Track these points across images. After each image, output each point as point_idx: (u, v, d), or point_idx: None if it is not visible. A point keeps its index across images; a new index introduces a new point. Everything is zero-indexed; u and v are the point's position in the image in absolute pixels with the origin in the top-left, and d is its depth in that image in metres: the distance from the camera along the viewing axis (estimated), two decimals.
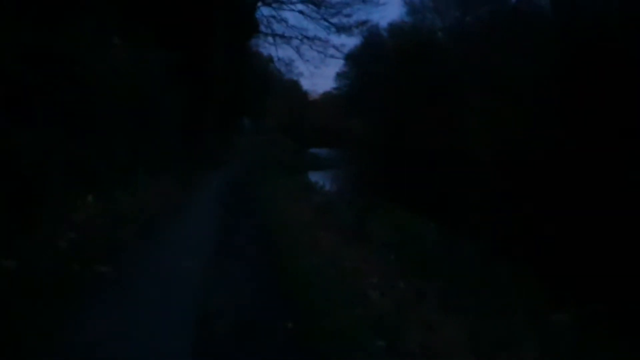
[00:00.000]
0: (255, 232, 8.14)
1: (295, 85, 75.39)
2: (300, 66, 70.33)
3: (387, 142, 40.56)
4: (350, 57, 67.34)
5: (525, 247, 10.15)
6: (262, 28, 25.14)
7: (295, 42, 24.91)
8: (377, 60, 53.99)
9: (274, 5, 24.66)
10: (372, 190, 20.76)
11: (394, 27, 54.10)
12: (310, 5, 24.14)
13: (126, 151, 10.43)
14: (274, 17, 23.88)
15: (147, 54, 14.48)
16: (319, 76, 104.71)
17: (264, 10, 25.13)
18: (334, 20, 23.10)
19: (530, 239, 11.42)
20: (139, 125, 12.42)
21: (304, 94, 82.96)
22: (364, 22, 26.22)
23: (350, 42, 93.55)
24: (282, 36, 24.55)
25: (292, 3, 25.75)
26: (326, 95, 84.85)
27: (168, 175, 12.39)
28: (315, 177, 26.38)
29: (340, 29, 23.36)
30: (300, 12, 26.75)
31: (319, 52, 24.57)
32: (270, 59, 39.62)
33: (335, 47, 24.82)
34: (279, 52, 65.64)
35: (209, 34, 21.58)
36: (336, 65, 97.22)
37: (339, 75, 75.62)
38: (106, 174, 8.69)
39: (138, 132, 12.26)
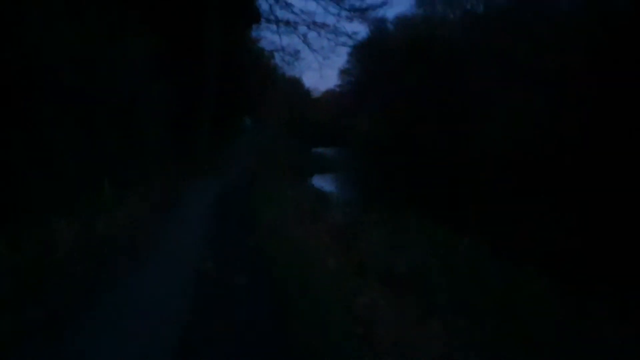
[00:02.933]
0: (258, 295, 5.16)
1: (297, 83, 73.19)
2: (307, 56, 67.05)
3: (397, 142, 37.99)
4: (355, 53, 65.25)
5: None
6: (265, 14, 22.44)
7: (302, 29, 22.11)
8: (385, 55, 51.42)
9: None
10: (388, 198, 18.24)
11: (401, 20, 51.55)
12: None
13: (85, 158, 7.93)
14: (277, 1, 21.17)
15: (128, 41, 12.00)
16: (325, 68, 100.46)
17: None
18: (345, 3, 20.38)
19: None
20: (112, 125, 9.91)
21: (307, 92, 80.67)
22: (381, 4, 23.41)
23: (363, 30, 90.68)
24: (287, 23, 21.84)
25: None
26: (329, 93, 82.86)
27: (147, 188, 9.88)
28: (322, 182, 23.92)
29: (353, 13, 20.62)
30: None
31: (328, 39, 21.80)
32: (272, 54, 37.08)
33: (347, 34, 22.04)
34: (284, 40, 62.39)
35: (202, 21, 19.06)
36: (338, 63, 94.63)
37: (342, 72, 73.34)
38: (45, 188, 6.21)
39: (110, 133, 9.76)
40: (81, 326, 3.97)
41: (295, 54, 26.47)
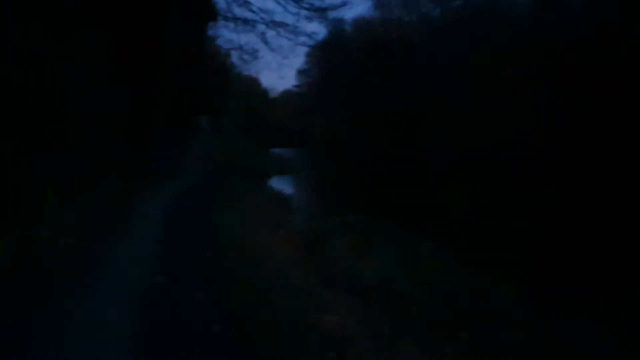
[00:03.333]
0: (215, 313, 4.63)
1: (254, 82, 72.28)
2: (266, 55, 66.38)
3: (355, 143, 38.00)
4: (313, 54, 65.03)
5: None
6: (222, 12, 21.77)
7: (261, 27, 21.59)
8: (343, 56, 51.46)
9: None
10: (350, 201, 18.04)
11: (360, 22, 51.67)
12: None
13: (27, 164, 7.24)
14: None
15: (75, 36, 11.24)
16: (284, 68, 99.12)
17: None
18: (305, 2, 20.02)
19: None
20: (55, 128, 9.19)
21: (264, 91, 79.85)
22: (341, 4, 23.27)
23: (322, 31, 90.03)
24: (245, 21, 21.27)
25: None
26: (287, 93, 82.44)
27: (93, 196, 9.22)
28: (282, 184, 23.54)
29: (313, 12, 20.28)
30: None
31: (288, 39, 21.38)
32: (228, 53, 36.33)
33: (306, 34, 21.70)
34: (242, 39, 61.20)
35: (158, 19, 18.28)
36: (296, 63, 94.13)
37: (300, 73, 72.99)
38: None
39: (55, 137, 9.04)
40: None
41: (254, 53, 25.93)
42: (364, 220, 11.11)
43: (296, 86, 75.97)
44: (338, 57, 53.47)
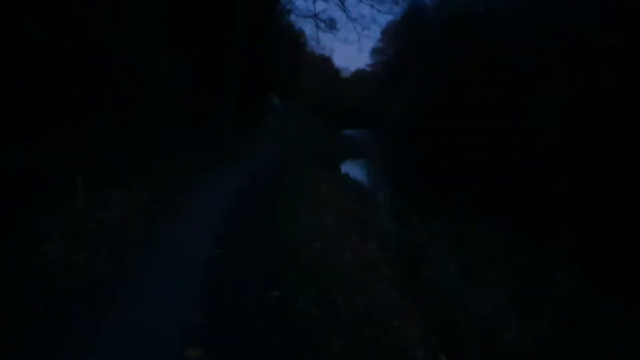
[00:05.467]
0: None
1: (327, 62, 70.39)
2: (343, 27, 61.62)
3: (433, 128, 35.07)
4: (388, 31, 62.00)
5: None
6: None
7: None
8: (421, 34, 48.13)
9: None
10: (433, 194, 15.68)
11: None
12: None
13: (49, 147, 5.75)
14: None
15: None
16: (364, 39, 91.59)
17: None
18: None
19: None
20: (98, 103, 7.72)
21: (337, 71, 77.63)
22: None
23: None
24: None
25: None
26: (359, 73, 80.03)
27: (146, 184, 7.70)
28: (355, 170, 21.57)
29: None
30: None
31: (371, 5, 18.96)
32: (302, 31, 34.43)
33: (394, 0, 19.15)
34: (318, 6, 57.30)
35: None
36: (369, 42, 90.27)
37: (374, 51, 70.11)
38: None
39: (94, 113, 7.57)
40: None
41: (331, 23, 23.59)
42: (467, 224, 8.89)
43: (370, 65, 73.45)
44: (416, 34, 50.27)
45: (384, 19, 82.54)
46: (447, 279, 5.43)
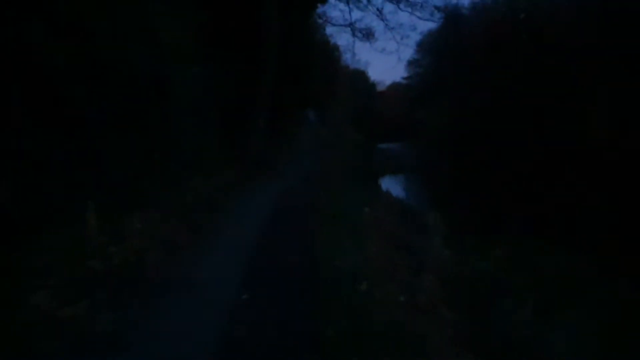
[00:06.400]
0: None
1: (362, 75, 69.62)
2: (380, 37, 59.07)
3: (473, 142, 33.53)
4: (424, 43, 60.71)
5: None
6: None
7: (377, 2, 18.46)
8: (459, 43, 46.73)
9: None
10: (481, 214, 14.43)
11: (479, 5, 46.50)
12: None
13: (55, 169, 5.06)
14: None
15: (156, 8, 9.19)
16: (402, 50, 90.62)
17: None
18: None
19: None
20: (119, 119, 7.06)
21: (372, 85, 76.82)
22: None
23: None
24: None
25: None
26: (395, 86, 79.05)
27: (170, 208, 6.96)
28: (395, 186, 20.51)
29: None
30: None
31: (410, 13, 17.98)
32: (337, 45, 33.66)
33: (436, 6, 18.14)
34: (354, 15, 55.56)
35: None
36: (405, 55, 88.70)
37: (410, 63, 68.77)
38: None
39: (112, 131, 6.91)
40: None
41: (368, 32, 22.71)
42: (527, 250, 7.78)
43: (405, 78, 72.22)
44: (453, 44, 48.95)
45: (425, 26, 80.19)
46: (524, 326, 4.39)
